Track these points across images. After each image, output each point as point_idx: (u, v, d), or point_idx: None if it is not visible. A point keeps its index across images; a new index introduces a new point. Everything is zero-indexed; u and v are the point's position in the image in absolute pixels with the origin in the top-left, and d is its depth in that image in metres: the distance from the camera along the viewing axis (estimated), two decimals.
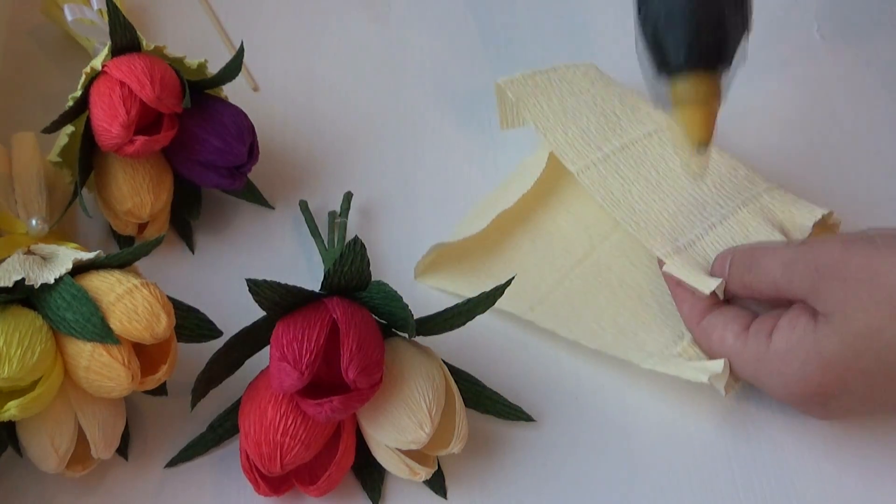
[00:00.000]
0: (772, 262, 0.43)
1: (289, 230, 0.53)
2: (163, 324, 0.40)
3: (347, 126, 0.58)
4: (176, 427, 0.46)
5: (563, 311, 0.49)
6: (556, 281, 0.50)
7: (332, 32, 0.63)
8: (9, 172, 0.51)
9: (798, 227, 0.47)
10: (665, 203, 0.49)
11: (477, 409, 0.46)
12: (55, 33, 0.61)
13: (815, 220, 0.47)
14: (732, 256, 0.45)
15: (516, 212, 0.52)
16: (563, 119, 0.52)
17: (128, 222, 0.51)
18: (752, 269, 0.44)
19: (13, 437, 0.42)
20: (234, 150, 0.49)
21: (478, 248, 0.51)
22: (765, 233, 0.47)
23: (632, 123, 0.52)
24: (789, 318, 0.42)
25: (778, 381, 0.42)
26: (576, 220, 0.53)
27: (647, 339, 0.47)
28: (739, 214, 0.48)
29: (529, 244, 0.52)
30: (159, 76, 0.47)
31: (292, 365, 0.39)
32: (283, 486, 0.43)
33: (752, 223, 0.48)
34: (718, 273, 0.46)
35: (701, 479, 0.45)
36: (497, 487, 0.45)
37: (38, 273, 0.40)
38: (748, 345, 0.43)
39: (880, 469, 0.45)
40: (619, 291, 0.49)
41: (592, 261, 0.51)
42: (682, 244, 0.47)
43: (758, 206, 0.48)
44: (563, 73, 0.54)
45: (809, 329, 0.41)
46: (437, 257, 0.51)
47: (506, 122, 0.54)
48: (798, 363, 0.41)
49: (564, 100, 0.53)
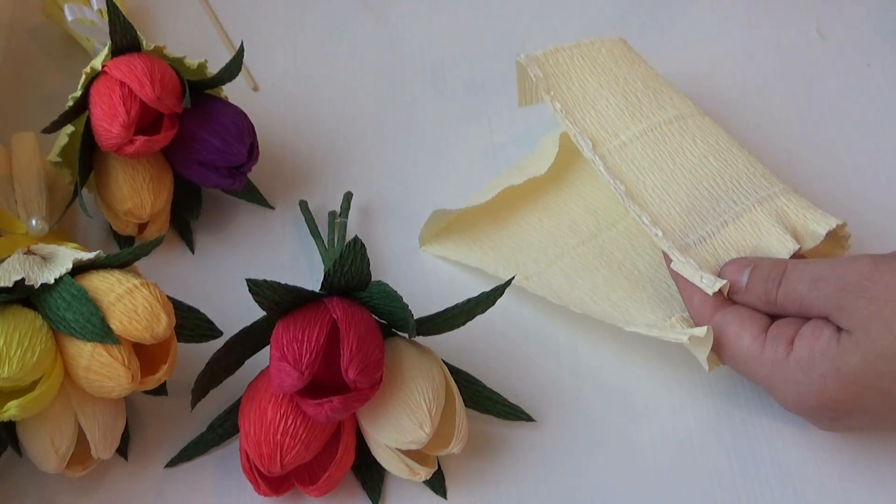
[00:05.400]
0: (799, 277, 0.42)
1: (289, 230, 0.53)
2: (163, 324, 0.40)
3: (347, 126, 0.58)
4: (176, 427, 0.46)
5: (557, 283, 0.49)
6: (556, 256, 0.50)
7: (332, 32, 0.63)
8: (9, 172, 0.51)
9: (811, 233, 0.46)
10: (678, 196, 0.48)
11: (477, 409, 0.46)
12: (55, 33, 0.61)
13: (829, 228, 0.46)
14: (755, 266, 0.44)
15: (528, 190, 0.52)
16: (582, 102, 0.51)
17: (128, 222, 0.51)
18: (778, 282, 0.43)
19: (13, 437, 0.42)
20: (234, 150, 0.49)
21: (485, 221, 0.52)
22: (777, 235, 0.46)
23: (653, 108, 0.51)
24: (813, 328, 0.41)
25: (792, 390, 0.42)
26: (586, 204, 0.53)
27: (636, 315, 0.47)
28: (753, 213, 0.47)
29: (537, 222, 0.52)
30: (159, 76, 0.47)
31: (292, 365, 0.39)
32: (283, 486, 0.43)
33: (765, 224, 0.47)
34: (732, 279, 0.45)
35: (701, 480, 0.45)
36: (497, 487, 0.45)
37: (38, 273, 0.40)
38: (766, 349, 0.42)
39: (881, 468, 0.45)
40: (618, 273, 0.49)
41: (596, 243, 0.51)
42: (691, 241, 0.46)
43: (772, 207, 0.47)
44: (587, 50, 0.53)
45: (833, 342, 0.40)
46: (443, 227, 0.52)
47: (524, 99, 0.54)
48: (818, 374, 0.41)
49: (585, 81, 0.52)
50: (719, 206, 0.47)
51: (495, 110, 0.59)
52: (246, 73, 0.60)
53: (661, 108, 0.51)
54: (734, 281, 0.44)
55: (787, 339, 0.42)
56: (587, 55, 0.53)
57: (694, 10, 0.63)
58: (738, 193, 0.48)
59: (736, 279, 0.44)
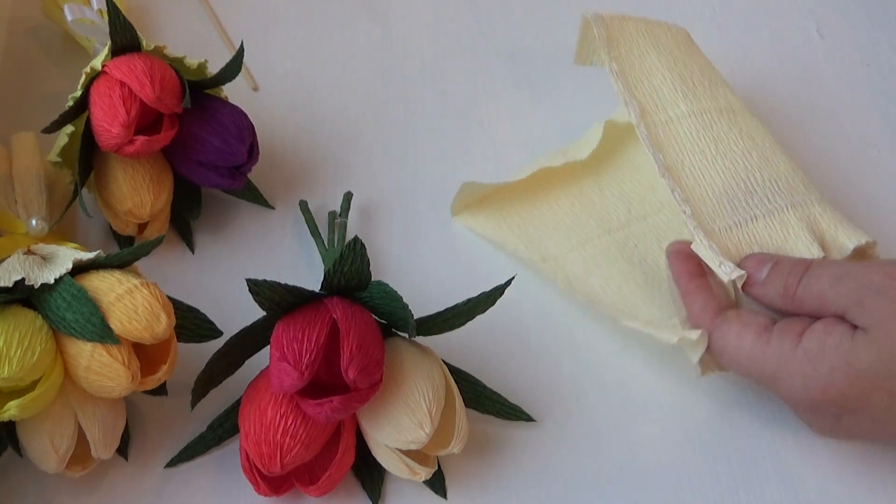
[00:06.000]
0: (822, 274, 0.42)
1: (289, 230, 0.53)
2: (163, 324, 0.40)
3: (347, 126, 0.58)
4: (176, 427, 0.46)
5: (573, 269, 0.49)
6: (579, 242, 0.51)
7: (331, 32, 0.63)
8: (9, 172, 0.51)
9: (839, 246, 0.46)
10: (714, 181, 0.47)
11: (477, 409, 0.46)
12: (55, 33, 0.61)
13: (858, 244, 0.45)
14: (777, 261, 0.44)
15: (566, 174, 0.52)
16: (638, 72, 0.50)
17: (128, 222, 0.51)
18: (799, 276, 0.43)
19: (13, 437, 0.42)
20: (234, 150, 0.49)
21: (517, 198, 0.53)
22: (804, 241, 0.46)
23: (706, 95, 0.50)
24: (825, 323, 0.41)
25: (799, 383, 0.41)
26: (621, 194, 0.53)
27: (642, 309, 0.47)
28: (785, 214, 0.46)
29: (568, 206, 0.53)
30: (159, 76, 0.47)
31: (292, 365, 0.39)
32: (283, 486, 0.43)
33: (795, 227, 0.46)
34: (751, 271, 0.44)
35: (701, 480, 0.45)
36: (497, 487, 0.45)
37: (38, 273, 0.40)
38: (772, 343, 0.42)
39: (881, 468, 0.45)
40: (637, 267, 0.49)
41: (622, 234, 0.51)
42: (717, 227, 0.46)
43: (805, 213, 0.47)
44: (652, 27, 0.52)
45: (847, 336, 0.40)
46: (477, 201, 0.53)
47: (581, 57, 0.53)
48: (826, 367, 0.40)
49: (645, 52, 0.51)
50: (752, 200, 0.47)
51: (495, 111, 0.59)
52: (246, 73, 0.60)
53: (714, 98, 0.50)
54: (752, 273, 0.44)
55: (796, 333, 0.42)
56: (651, 31, 0.52)
57: (693, 10, 0.63)
58: (773, 192, 0.47)
59: (754, 272, 0.44)
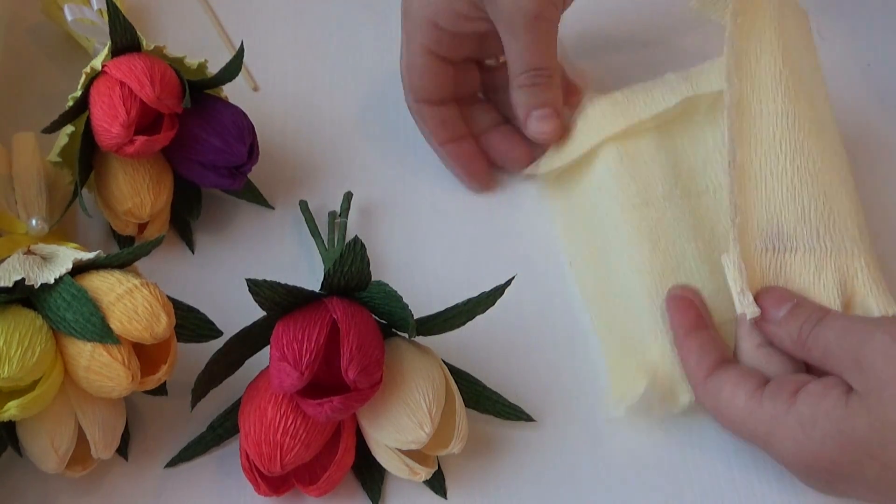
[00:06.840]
0: (833, 325, 0.41)
1: (289, 230, 0.53)
2: (163, 324, 0.40)
3: (347, 126, 0.58)
4: (176, 427, 0.46)
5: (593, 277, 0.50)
6: (613, 225, 0.49)
7: (331, 32, 0.63)
8: (9, 172, 0.51)
9: (865, 308, 0.44)
10: (776, 194, 0.46)
11: (477, 409, 0.46)
12: (55, 33, 0.61)
13: (884, 313, 0.44)
14: (798, 303, 0.43)
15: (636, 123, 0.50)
16: (752, 46, 0.48)
17: (128, 222, 0.51)
18: (814, 323, 0.42)
19: (13, 437, 0.42)
20: (234, 150, 0.49)
21: None
22: (831, 294, 0.44)
23: (806, 97, 0.48)
24: (823, 385, 0.40)
25: (791, 447, 0.40)
26: (675, 163, 0.50)
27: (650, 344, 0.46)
28: (825, 258, 0.45)
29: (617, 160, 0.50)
30: (159, 76, 0.47)
31: (292, 365, 0.39)
32: (283, 486, 0.43)
33: (828, 276, 0.45)
34: (768, 308, 0.43)
35: (702, 480, 0.45)
36: (497, 487, 0.45)
37: (38, 273, 0.40)
38: (764, 404, 0.41)
39: None
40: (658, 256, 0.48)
41: (657, 210, 0.49)
42: (756, 245, 0.45)
43: (846, 263, 0.45)
44: (779, 7, 0.49)
45: (841, 403, 0.39)
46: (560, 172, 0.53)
47: (701, 3, 0.50)
48: (819, 434, 0.39)
49: (765, 31, 0.48)
50: (801, 230, 0.45)
51: None
52: (246, 73, 0.60)
53: (812, 103, 0.48)
54: (769, 310, 0.43)
55: (789, 393, 0.41)
56: (776, 13, 0.49)
57: None
58: (826, 229, 0.45)
59: (772, 309, 0.43)
